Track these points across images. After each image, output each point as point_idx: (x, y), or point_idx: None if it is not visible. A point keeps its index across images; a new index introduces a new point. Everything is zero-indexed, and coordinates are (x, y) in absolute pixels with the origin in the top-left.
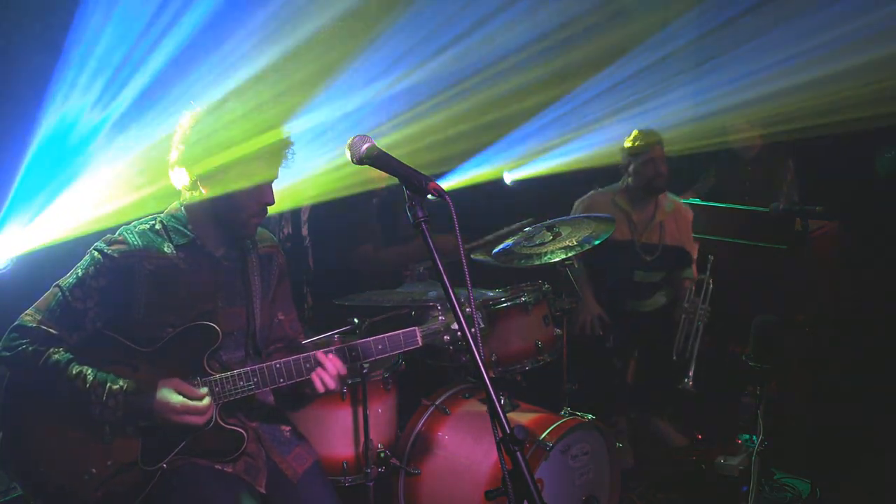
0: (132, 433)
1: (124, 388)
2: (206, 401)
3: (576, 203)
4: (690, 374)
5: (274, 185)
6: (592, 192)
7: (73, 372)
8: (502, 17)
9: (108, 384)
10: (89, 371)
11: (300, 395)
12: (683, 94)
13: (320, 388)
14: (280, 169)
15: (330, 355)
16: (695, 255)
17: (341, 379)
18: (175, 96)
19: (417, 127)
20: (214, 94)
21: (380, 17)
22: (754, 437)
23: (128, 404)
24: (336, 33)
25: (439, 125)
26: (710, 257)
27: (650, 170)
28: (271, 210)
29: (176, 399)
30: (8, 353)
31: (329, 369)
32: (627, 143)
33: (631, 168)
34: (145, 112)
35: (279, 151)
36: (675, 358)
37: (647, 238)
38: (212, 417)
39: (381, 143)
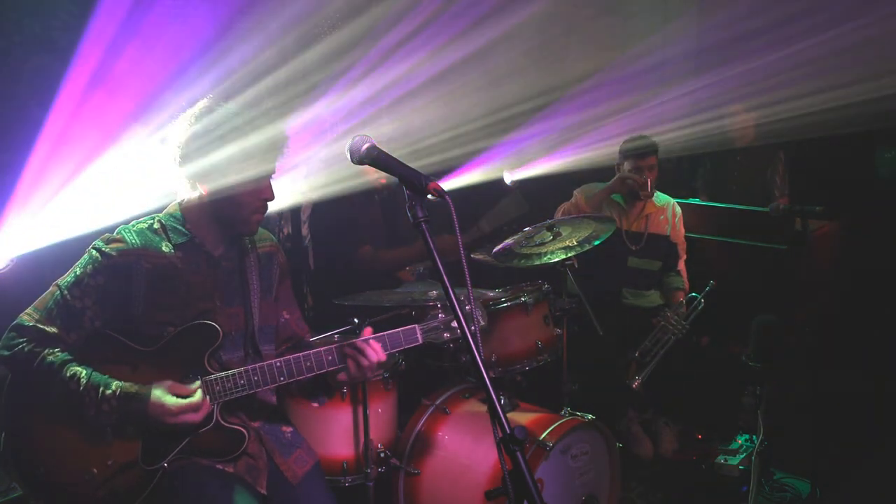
0: (133, 433)
1: (117, 392)
2: (199, 394)
3: (575, 192)
4: (640, 377)
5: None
6: (592, 183)
7: (68, 374)
8: (502, 17)
9: (102, 388)
10: (84, 373)
11: (323, 386)
12: (683, 93)
13: (357, 374)
14: (277, 163)
15: (371, 342)
16: (683, 255)
17: (380, 366)
18: (174, 96)
19: (418, 127)
20: (210, 92)
21: (379, 13)
22: (754, 437)
23: (122, 408)
24: (334, 30)
25: (440, 125)
26: (712, 283)
27: (637, 177)
28: (271, 209)
29: (170, 401)
30: (7, 353)
31: (370, 356)
32: (625, 144)
33: (623, 168)
34: (146, 111)
35: (275, 145)
36: (636, 355)
37: (634, 227)
38: (211, 415)
39: (381, 143)
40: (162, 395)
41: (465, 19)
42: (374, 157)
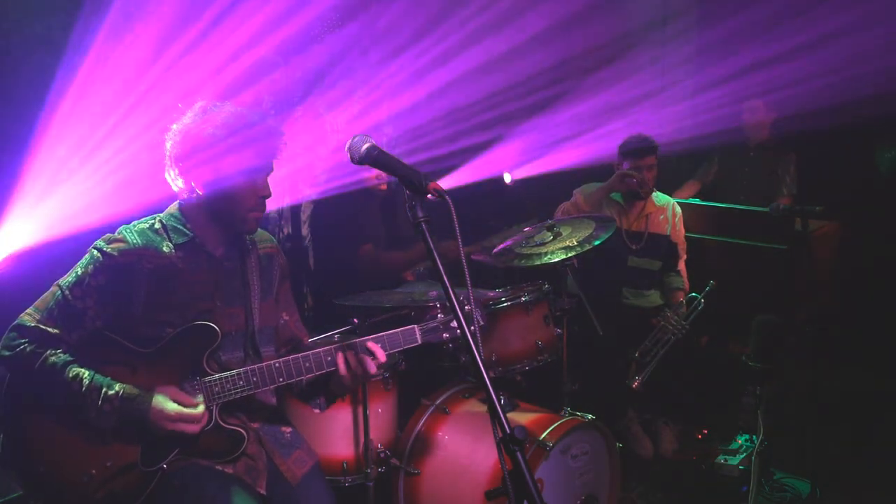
0: (132, 435)
1: (120, 393)
2: (200, 409)
3: (574, 191)
4: (641, 377)
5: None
6: (591, 182)
7: (70, 375)
8: (503, 16)
9: (104, 389)
10: (86, 374)
11: (323, 391)
12: (683, 93)
13: (358, 375)
14: (274, 160)
15: (370, 343)
16: (683, 255)
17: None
18: (174, 96)
19: (417, 126)
20: (210, 91)
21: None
22: (754, 437)
23: (123, 410)
24: (335, 28)
25: (440, 124)
26: (712, 283)
27: (637, 174)
28: (272, 210)
29: (171, 407)
30: (8, 353)
31: (370, 357)
32: (624, 144)
33: (623, 167)
34: (145, 111)
35: (271, 143)
36: (636, 356)
37: (634, 226)
38: (211, 419)
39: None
40: (164, 400)
41: (465, 21)
42: (374, 157)
